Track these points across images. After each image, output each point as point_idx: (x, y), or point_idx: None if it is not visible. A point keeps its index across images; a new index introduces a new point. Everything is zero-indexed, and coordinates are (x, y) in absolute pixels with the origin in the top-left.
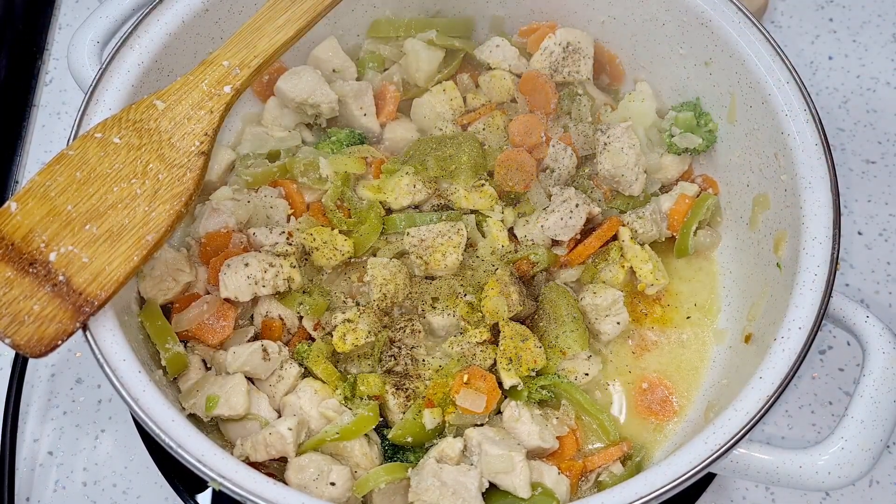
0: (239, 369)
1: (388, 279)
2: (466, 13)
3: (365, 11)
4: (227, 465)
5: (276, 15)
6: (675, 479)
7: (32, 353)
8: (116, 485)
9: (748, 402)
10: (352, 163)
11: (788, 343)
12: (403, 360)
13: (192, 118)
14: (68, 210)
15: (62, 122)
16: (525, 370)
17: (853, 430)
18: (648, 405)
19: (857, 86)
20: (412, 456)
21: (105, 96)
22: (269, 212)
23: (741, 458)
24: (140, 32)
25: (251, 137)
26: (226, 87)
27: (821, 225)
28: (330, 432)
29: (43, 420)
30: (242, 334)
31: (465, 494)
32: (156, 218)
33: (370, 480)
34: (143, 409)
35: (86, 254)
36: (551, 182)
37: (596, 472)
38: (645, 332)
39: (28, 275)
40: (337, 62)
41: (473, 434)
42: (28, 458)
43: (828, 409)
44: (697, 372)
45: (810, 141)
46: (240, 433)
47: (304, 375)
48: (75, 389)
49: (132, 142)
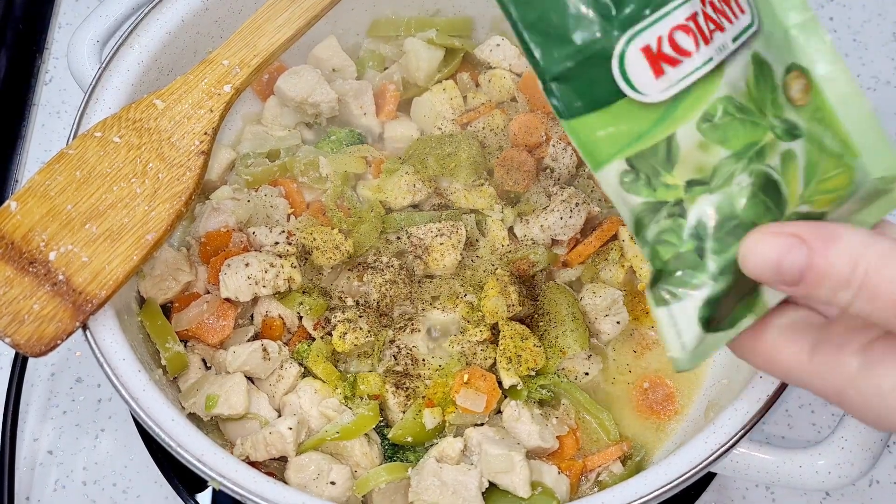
0: (239, 369)
1: (387, 279)
2: (466, 12)
3: (365, 10)
4: (227, 465)
5: (276, 14)
6: (675, 479)
7: (32, 353)
8: (116, 484)
9: (748, 402)
10: (352, 162)
11: None
12: (403, 360)
13: (192, 117)
14: (68, 209)
15: (62, 121)
16: (525, 370)
17: (853, 430)
18: (650, 404)
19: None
20: (412, 455)
21: (105, 95)
22: (269, 211)
23: (741, 458)
24: (140, 31)
25: (251, 136)
26: (226, 86)
27: None
28: (330, 432)
29: (43, 419)
30: (242, 334)
31: (465, 494)
32: (155, 217)
33: (370, 480)
34: (143, 409)
35: (85, 253)
36: (551, 182)
37: (596, 472)
38: (645, 331)
39: (28, 274)
40: (337, 61)
41: (473, 434)
42: (28, 458)
43: (828, 409)
44: (698, 371)
45: None
46: (239, 432)
47: (304, 375)
48: (75, 389)
49: (132, 141)
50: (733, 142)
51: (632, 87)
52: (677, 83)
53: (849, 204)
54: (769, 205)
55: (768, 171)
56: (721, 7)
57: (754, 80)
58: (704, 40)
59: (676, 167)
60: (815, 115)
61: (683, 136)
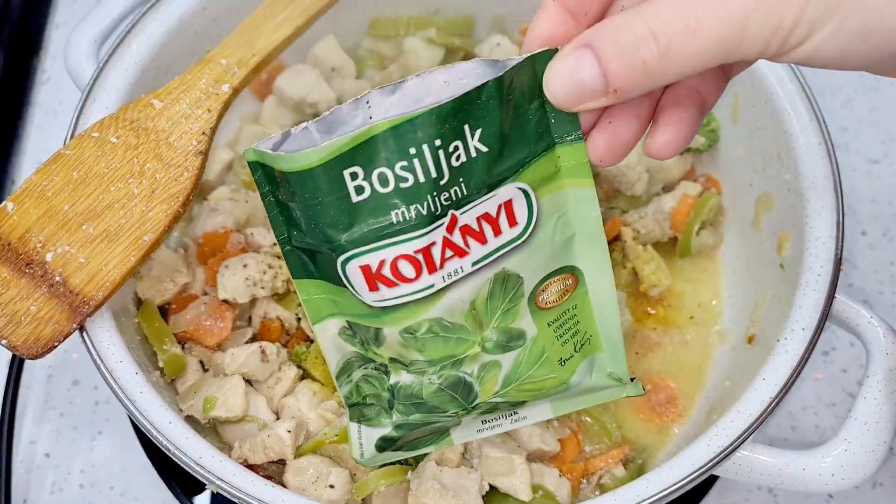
0: (237, 371)
1: None
2: (466, 11)
3: (364, 9)
4: (225, 468)
5: (275, 13)
6: (677, 482)
7: (29, 355)
8: (114, 487)
9: (751, 404)
10: None
11: (791, 344)
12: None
13: (190, 117)
14: (65, 210)
15: (59, 121)
16: None
17: (857, 432)
18: (652, 406)
19: (860, 85)
20: (412, 458)
21: (102, 95)
22: None
23: (744, 461)
24: (137, 31)
25: (249, 136)
26: (224, 85)
27: (824, 225)
28: (329, 434)
29: (40, 422)
30: (240, 336)
31: (465, 497)
32: (153, 218)
33: (370, 483)
34: (141, 411)
35: (83, 254)
36: None
37: (598, 475)
38: (648, 332)
39: (25, 275)
40: (336, 60)
41: None
42: (25, 460)
43: (831, 411)
44: (701, 373)
45: (813, 140)
46: (238, 435)
47: (303, 377)
48: (72, 391)
49: (129, 141)
50: (429, 352)
51: (349, 286)
52: (389, 300)
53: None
54: (453, 398)
55: (462, 376)
56: (479, 229)
57: (488, 296)
58: (430, 269)
59: (383, 347)
60: (563, 317)
61: (389, 333)
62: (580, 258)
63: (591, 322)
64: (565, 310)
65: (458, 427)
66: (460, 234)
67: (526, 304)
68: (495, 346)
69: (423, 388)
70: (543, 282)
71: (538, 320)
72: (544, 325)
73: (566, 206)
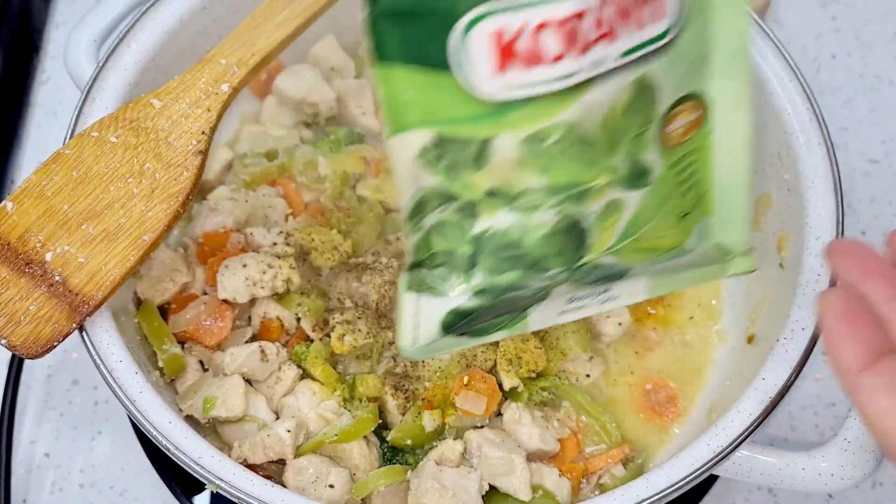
0: (237, 370)
1: (386, 279)
2: None
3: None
4: (225, 467)
5: (275, 12)
6: (677, 482)
7: (28, 354)
8: (114, 486)
9: (751, 404)
10: (351, 162)
11: (791, 344)
12: (402, 362)
13: (190, 117)
14: (64, 210)
15: (59, 120)
16: (525, 372)
17: (856, 432)
18: (652, 406)
19: (860, 84)
20: (411, 458)
21: (102, 95)
22: (267, 211)
23: (744, 461)
24: (137, 30)
25: (249, 136)
26: (223, 85)
27: (824, 225)
28: (329, 434)
29: (39, 422)
30: (240, 335)
31: (465, 497)
32: (153, 218)
33: (369, 483)
34: (140, 411)
35: (82, 254)
36: None
37: (597, 475)
38: (648, 332)
39: (24, 275)
40: (336, 60)
41: (473, 436)
42: (24, 460)
43: (830, 411)
44: (701, 373)
45: (813, 140)
46: (237, 435)
47: (303, 377)
48: (72, 391)
49: (129, 141)
50: (554, 174)
51: (461, 69)
52: (516, 89)
53: (663, 264)
54: (563, 249)
55: (579, 219)
56: (634, 8)
57: (624, 107)
58: (575, 49)
59: (483, 171)
60: (684, 160)
61: (502, 146)
62: (714, 83)
63: (708, 175)
64: (687, 151)
65: (541, 305)
66: (614, 5)
67: (655, 133)
68: (624, 178)
69: (528, 234)
70: (674, 108)
71: (664, 157)
72: (669, 166)
73: (710, 8)
